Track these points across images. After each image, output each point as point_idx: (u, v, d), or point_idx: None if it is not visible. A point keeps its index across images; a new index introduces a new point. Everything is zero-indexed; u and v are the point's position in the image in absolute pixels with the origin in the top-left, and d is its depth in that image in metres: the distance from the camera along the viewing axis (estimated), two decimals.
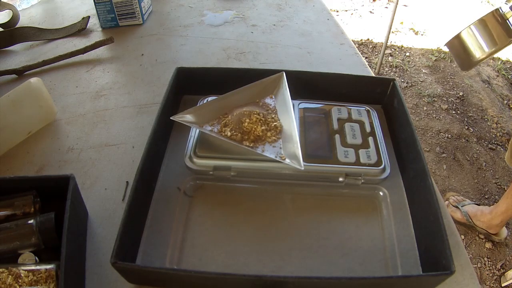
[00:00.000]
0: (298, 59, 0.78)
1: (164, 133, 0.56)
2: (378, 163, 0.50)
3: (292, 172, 0.50)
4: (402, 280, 0.41)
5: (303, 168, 0.46)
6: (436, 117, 1.90)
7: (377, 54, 2.30)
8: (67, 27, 0.88)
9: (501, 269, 1.30)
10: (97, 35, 0.86)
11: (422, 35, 2.47)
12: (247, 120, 0.52)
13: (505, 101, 2.03)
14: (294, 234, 0.47)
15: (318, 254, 0.45)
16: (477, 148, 1.76)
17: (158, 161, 0.53)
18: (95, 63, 0.78)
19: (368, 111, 0.57)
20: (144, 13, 0.89)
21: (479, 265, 1.33)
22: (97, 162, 0.57)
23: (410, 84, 2.08)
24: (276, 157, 0.48)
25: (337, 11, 2.71)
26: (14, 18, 0.88)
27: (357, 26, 2.55)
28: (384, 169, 0.50)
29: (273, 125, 0.53)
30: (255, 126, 0.51)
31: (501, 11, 0.64)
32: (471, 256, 1.39)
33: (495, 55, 2.31)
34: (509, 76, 2.18)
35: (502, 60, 2.27)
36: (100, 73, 0.75)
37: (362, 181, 0.49)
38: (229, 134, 0.51)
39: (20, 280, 0.38)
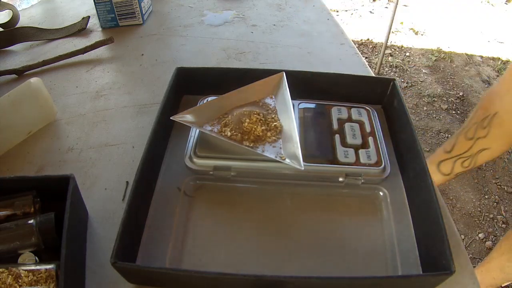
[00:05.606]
0: (298, 59, 0.78)
1: (164, 133, 0.56)
2: (378, 163, 0.50)
3: (292, 172, 0.50)
4: (402, 280, 0.41)
5: (303, 168, 0.46)
6: (436, 117, 1.90)
7: (377, 54, 2.30)
8: (67, 27, 0.88)
9: None
10: (97, 35, 0.86)
11: (422, 35, 2.47)
12: (247, 120, 0.52)
13: None
14: (294, 234, 0.47)
15: (318, 254, 0.45)
16: None
17: (158, 161, 0.53)
18: (95, 63, 0.78)
19: (368, 111, 0.57)
20: (144, 13, 0.89)
21: (479, 265, 1.33)
22: (97, 162, 0.57)
23: (410, 84, 2.08)
24: (276, 157, 0.48)
25: (337, 11, 2.71)
26: (14, 18, 0.88)
27: (357, 26, 2.55)
28: (384, 169, 0.50)
29: (273, 125, 0.53)
30: (255, 126, 0.51)
31: None
32: (471, 256, 1.39)
33: (495, 55, 2.31)
34: None
35: (502, 60, 2.27)
36: (100, 73, 0.75)
37: (362, 181, 0.49)
38: (229, 134, 0.51)
39: (20, 280, 0.38)
